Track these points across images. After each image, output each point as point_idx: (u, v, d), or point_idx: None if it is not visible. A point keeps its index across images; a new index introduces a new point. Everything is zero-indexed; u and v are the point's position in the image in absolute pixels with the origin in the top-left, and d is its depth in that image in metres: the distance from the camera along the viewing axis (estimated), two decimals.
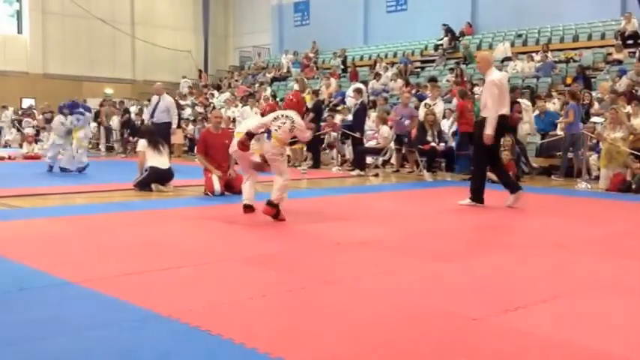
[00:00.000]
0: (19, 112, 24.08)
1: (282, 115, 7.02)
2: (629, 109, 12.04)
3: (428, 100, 14.23)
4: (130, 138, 19.76)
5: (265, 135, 7.05)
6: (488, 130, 7.93)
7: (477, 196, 8.35)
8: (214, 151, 9.38)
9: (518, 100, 12.53)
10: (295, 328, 3.32)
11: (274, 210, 6.85)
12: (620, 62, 16.13)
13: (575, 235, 6.38)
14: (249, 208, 7.39)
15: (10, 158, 16.76)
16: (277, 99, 19.81)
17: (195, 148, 10.75)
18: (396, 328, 3.34)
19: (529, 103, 13.37)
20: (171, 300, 3.80)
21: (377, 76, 20.33)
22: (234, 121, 18.31)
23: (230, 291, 4.06)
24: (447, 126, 14.18)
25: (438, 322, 3.45)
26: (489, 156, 8.35)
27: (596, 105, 13.63)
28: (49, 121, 17.77)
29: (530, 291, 4.11)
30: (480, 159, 8.51)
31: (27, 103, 26.40)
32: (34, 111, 23.90)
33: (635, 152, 10.53)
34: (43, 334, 3.23)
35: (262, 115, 7.40)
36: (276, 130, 6.89)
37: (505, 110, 8.09)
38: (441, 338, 3.20)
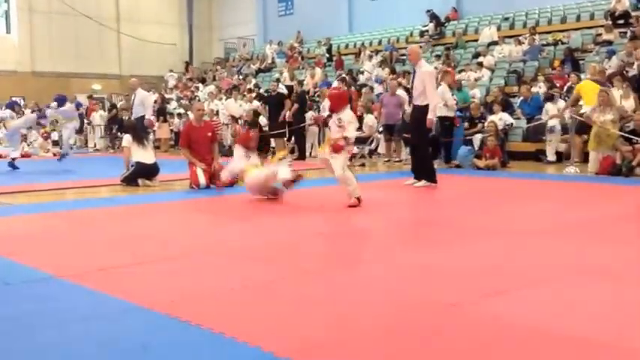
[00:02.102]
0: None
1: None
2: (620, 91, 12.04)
3: None
4: (118, 134, 19.68)
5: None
6: (431, 115, 8.62)
7: (432, 177, 8.92)
8: (197, 145, 9.38)
9: None
10: (274, 318, 3.34)
11: (356, 202, 7.07)
12: (610, 43, 15.99)
13: (562, 220, 6.36)
14: None
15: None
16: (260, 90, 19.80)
17: (179, 141, 10.73)
18: (376, 316, 3.37)
19: None
20: (154, 292, 3.83)
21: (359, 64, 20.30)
22: (217, 113, 18.29)
23: (211, 282, 4.08)
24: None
25: (417, 309, 3.47)
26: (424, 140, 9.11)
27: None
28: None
29: (511, 277, 4.12)
30: (423, 143, 9.15)
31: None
32: (24, 110, 23.73)
33: (625, 135, 10.52)
34: (26, 327, 3.26)
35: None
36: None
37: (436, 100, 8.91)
38: (420, 325, 3.22)
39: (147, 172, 9.80)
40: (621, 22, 16.93)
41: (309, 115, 15.55)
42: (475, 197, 8.23)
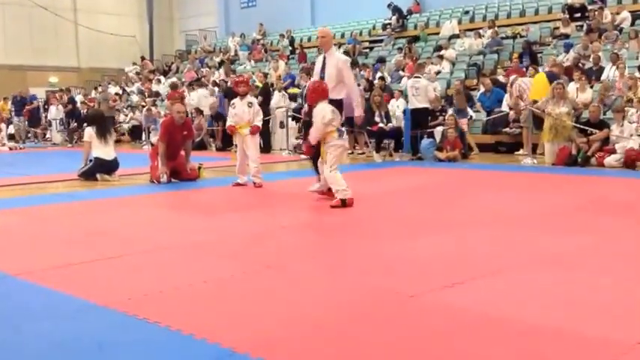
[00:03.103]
0: None
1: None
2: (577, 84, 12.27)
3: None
4: (77, 126, 19.31)
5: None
6: (359, 112, 7.93)
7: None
8: (174, 141, 9.25)
9: None
10: (234, 313, 3.32)
11: (339, 203, 6.67)
12: (567, 36, 16.32)
13: (518, 211, 6.45)
14: None
15: None
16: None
17: (157, 136, 10.50)
18: (335, 309, 3.38)
19: None
20: (111, 290, 3.78)
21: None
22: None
23: (170, 278, 4.04)
24: (396, 106, 14.25)
25: (375, 301, 3.49)
26: None
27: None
28: None
29: (468, 267, 4.17)
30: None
31: None
32: None
33: (580, 126, 10.73)
34: None
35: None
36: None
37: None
38: (377, 316, 3.25)
39: (106, 168, 9.67)
40: (578, 15, 17.28)
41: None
42: (435, 189, 8.31)
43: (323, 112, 6.82)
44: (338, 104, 7.32)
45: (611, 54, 13.40)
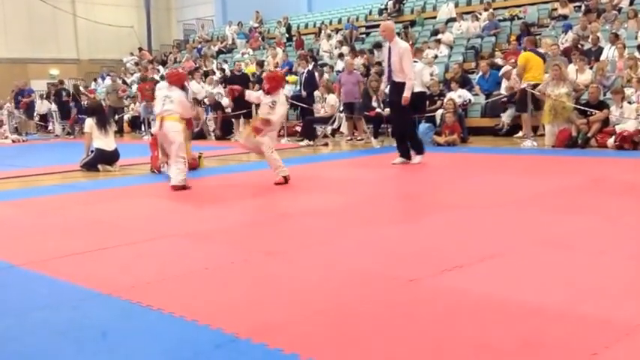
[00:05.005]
0: None
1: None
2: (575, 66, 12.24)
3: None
4: (78, 116, 19.28)
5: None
6: (407, 93, 8.70)
7: (421, 149, 9.13)
8: None
9: None
10: (236, 300, 3.36)
11: (282, 180, 7.42)
12: (565, 17, 16.24)
13: (518, 193, 6.46)
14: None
15: None
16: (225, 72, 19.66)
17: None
18: (335, 294, 3.41)
19: None
20: (114, 278, 3.82)
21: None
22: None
23: (173, 266, 4.08)
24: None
25: (376, 286, 3.52)
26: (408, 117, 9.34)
27: None
28: None
29: (469, 250, 4.19)
30: (405, 121, 9.30)
31: None
32: None
33: (580, 107, 10.72)
34: None
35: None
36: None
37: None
38: (378, 301, 3.27)
39: (107, 158, 9.73)
40: None
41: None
42: (435, 173, 8.33)
43: (285, 101, 7.57)
44: (401, 87, 8.71)
45: (610, 34, 13.35)
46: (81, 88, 21.16)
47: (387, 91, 9.79)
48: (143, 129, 17.64)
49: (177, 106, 7.58)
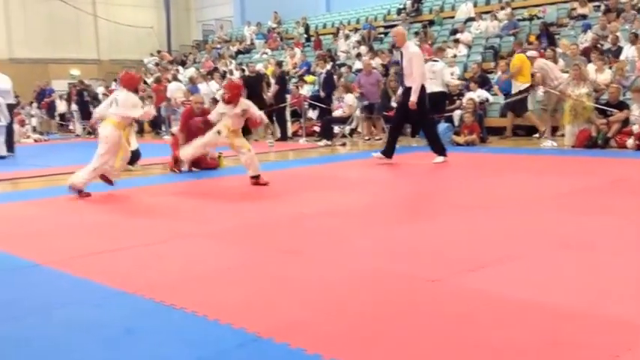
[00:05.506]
0: None
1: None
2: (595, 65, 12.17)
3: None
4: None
5: None
6: (414, 97, 8.88)
7: (442, 151, 9.21)
8: (193, 132, 9.32)
9: None
10: (258, 299, 3.39)
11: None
12: (584, 17, 16.12)
13: (539, 193, 6.44)
14: None
15: None
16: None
17: (178, 126, 10.69)
18: (356, 294, 3.43)
19: None
20: (136, 277, 3.87)
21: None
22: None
23: (195, 266, 4.13)
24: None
25: (397, 286, 3.54)
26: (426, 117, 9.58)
27: (560, 62, 13.72)
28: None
29: (489, 251, 4.20)
30: (426, 120, 9.64)
31: None
32: None
33: (601, 107, 10.65)
34: (10, 315, 3.30)
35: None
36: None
37: (425, 79, 9.33)
38: (400, 301, 3.28)
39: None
40: None
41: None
42: (454, 173, 8.32)
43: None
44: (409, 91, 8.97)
45: (630, 34, 13.24)
46: (100, 89, 21.32)
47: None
48: (163, 128, 17.77)
49: (120, 109, 7.25)
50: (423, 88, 9.11)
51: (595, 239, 4.47)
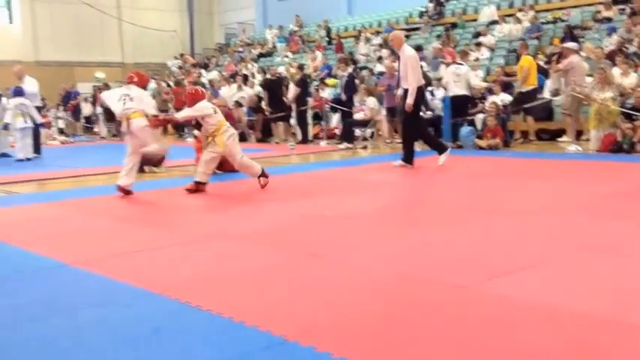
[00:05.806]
0: None
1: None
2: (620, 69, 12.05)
3: None
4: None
5: None
6: (410, 100, 8.93)
7: (409, 159, 9.30)
8: None
9: None
10: (283, 301, 3.41)
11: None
12: (609, 20, 15.96)
13: (564, 198, 6.39)
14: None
15: None
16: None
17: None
18: (382, 298, 3.44)
19: None
20: (163, 278, 3.91)
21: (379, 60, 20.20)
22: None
23: (220, 267, 4.17)
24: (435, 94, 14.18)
25: (422, 290, 3.53)
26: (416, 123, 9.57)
27: (585, 65, 13.57)
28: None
29: (514, 257, 4.17)
30: (409, 124, 9.53)
31: None
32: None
33: (626, 111, 10.56)
34: (38, 315, 3.35)
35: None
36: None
37: (421, 82, 9.25)
38: (427, 306, 3.27)
39: (152, 160, 9.87)
40: None
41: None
42: (478, 177, 8.28)
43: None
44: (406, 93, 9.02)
45: None
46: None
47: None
48: (186, 131, 17.88)
49: (138, 104, 7.42)
50: (420, 90, 9.15)
51: (622, 244, 4.43)
